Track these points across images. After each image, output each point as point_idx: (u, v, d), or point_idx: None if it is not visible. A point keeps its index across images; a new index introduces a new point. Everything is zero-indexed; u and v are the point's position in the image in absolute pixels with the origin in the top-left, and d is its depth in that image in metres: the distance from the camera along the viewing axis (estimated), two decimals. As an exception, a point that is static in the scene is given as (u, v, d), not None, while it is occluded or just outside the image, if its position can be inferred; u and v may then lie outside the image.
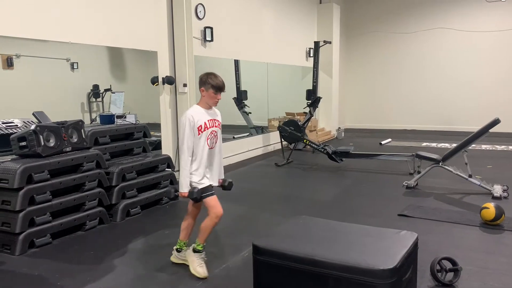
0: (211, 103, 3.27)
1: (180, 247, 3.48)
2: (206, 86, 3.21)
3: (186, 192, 3.22)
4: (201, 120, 3.21)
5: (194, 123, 3.18)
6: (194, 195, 3.20)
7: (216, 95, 3.22)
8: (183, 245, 3.48)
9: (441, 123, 11.74)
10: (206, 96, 3.23)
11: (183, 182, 3.22)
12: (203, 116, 3.24)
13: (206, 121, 3.24)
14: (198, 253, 3.33)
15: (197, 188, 3.22)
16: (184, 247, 3.47)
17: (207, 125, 3.24)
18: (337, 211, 4.94)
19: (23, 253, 3.75)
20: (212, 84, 3.18)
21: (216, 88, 3.20)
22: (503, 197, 5.13)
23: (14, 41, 4.61)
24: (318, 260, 2.48)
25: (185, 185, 3.22)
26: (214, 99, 3.24)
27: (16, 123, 4.37)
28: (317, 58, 9.07)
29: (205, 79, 3.21)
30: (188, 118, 3.18)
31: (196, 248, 3.33)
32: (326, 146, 7.52)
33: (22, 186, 3.78)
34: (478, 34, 11.18)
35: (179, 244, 3.48)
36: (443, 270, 3.07)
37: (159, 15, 6.30)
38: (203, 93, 3.24)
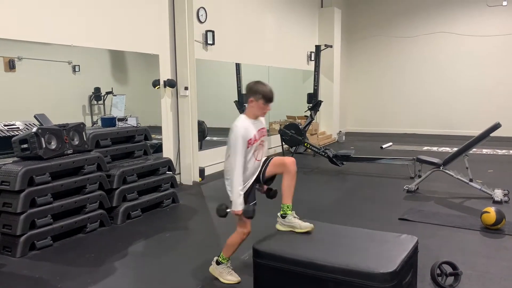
0: (260, 114, 3.12)
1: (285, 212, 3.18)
2: (256, 96, 3.04)
3: (240, 211, 3.05)
4: (251, 133, 3.04)
5: (246, 136, 3.00)
6: (250, 213, 3.06)
7: (265, 106, 3.07)
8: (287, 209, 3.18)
9: (442, 127, 11.74)
10: (256, 106, 3.06)
11: (237, 201, 3.04)
12: (252, 129, 3.06)
13: (255, 134, 3.07)
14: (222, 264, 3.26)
15: (251, 206, 3.10)
16: (289, 211, 3.16)
17: (256, 137, 3.08)
18: (337, 214, 4.94)
19: (23, 255, 3.76)
20: (263, 94, 3.02)
21: (267, 99, 3.05)
22: (504, 202, 5.12)
23: (16, 44, 4.63)
24: (318, 263, 2.48)
25: (239, 204, 3.04)
26: (263, 110, 3.09)
27: (18, 126, 4.39)
28: (318, 61, 9.09)
29: (255, 88, 3.05)
30: (241, 131, 2.99)
31: (220, 260, 3.26)
32: (327, 150, 7.52)
33: (24, 188, 3.79)
34: (480, 38, 11.20)
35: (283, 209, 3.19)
36: (443, 274, 3.07)
37: (160, 18, 6.32)
38: (251, 103, 3.07)
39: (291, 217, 3.11)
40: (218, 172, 7.32)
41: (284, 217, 3.15)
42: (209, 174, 7.04)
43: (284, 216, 3.15)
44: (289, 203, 3.18)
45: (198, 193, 6.10)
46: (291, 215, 3.12)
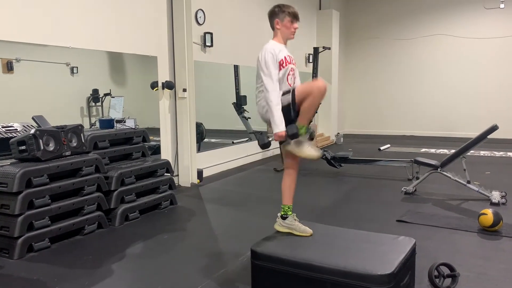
0: (289, 34, 3.01)
1: (285, 213, 3.10)
2: (281, 16, 2.95)
3: (284, 131, 2.85)
4: (282, 53, 2.93)
5: (276, 56, 2.90)
6: (294, 129, 2.82)
7: (293, 24, 2.99)
8: (288, 210, 3.11)
9: (439, 129, 11.76)
10: (283, 27, 2.97)
11: (278, 120, 2.85)
12: (282, 51, 2.96)
13: (286, 56, 2.95)
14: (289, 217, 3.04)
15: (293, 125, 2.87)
16: (290, 212, 3.10)
17: (287, 60, 2.95)
18: (335, 216, 4.94)
19: (21, 257, 3.75)
20: (289, 11, 2.94)
21: (293, 16, 2.96)
22: (501, 203, 5.13)
23: (14, 46, 4.63)
24: (316, 265, 2.49)
25: (280, 122, 2.84)
26: (291, 28, 3.00)
27: (16, 127, 4.38)
28: (316, 63, 9.11)
29: (278, 9, 2.97)
30: (270, 52, 2.89)
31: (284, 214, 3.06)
32: (325, 152, 7.53)
33: (21, 190, 3.78)
34: (477, 40, 11.24)
35: (284, 209, 3.11)
36: (441, 276, 3.07)
37: (159, 20, 6.33)
38: (278, 25, 2.98)
39: (292, 219, 3.07)
40: (216, 174, 7.33)
41: (284, 218, 3.10)
42: (207, 176, 7.04)
43: (285, 217, 3.09)
44: (290, 203, 3.14)
45: (196, 195, 6.10)
46: (292, 217, 3.08)
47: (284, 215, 3.09)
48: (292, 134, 2.86)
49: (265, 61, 2.89)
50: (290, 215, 3.09)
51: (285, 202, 3.12)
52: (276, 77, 2.89)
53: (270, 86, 2.87)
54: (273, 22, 2.99)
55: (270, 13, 3.01)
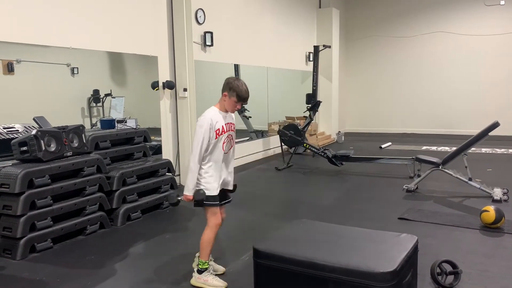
0: (230, 110, 3.18)
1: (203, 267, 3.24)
2: (230, 93, 3.09)
3: (191, 196, 3.08)
4: (219, 123, 3.11)
5: (213, 125, 3.07)
6: (201, 196, 3.06)
7: (237, 104, 3.13)
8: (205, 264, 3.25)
9: (441, 127, 11.76)
10: (228, 102, 3.12)
11: (190, 185, 3.08)
12: (221, 119, 3.14)
13: (224, 125, 3.14)
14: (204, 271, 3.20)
15: (202, 190, 3.09)
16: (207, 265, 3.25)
17: (225, 129, 3.14)
18: (337, 214, 4.94)
19: (24, 258, 3.76)
20: (238, 93, 3.07)
21: (241, 98, 3.09)
22: (503, 200, 5.13)
23: (14, 47, 4.63)
24: (318, 263, 2.49)
25: (191, 187, 3.09)
26: (234, 107, 3.15)
27: (17, 128, 4.39)
28: (316, 62, 9.10)
29: (231, 85, 3.09)
30: (207, 121, 3.06)
31: (201, 267, 3.20)
32: (326, 150, 7.53)
33: (23, 191, 3.79)
34: (478, 37, 11.22)
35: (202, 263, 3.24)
36: (443, 273, 3.08)
37: (159, 20, 6.33)
38: (225, 97, 3.12)
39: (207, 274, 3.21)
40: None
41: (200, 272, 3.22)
42: (209, 175, 7.03)
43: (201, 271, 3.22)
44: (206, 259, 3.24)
45: (198, 194, 6.09)
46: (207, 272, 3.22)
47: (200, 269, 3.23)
48: (198, 200, 3.09)
49: (201, 127, 3.07)
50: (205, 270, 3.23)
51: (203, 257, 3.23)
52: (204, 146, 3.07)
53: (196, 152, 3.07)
54: (223, 92, 3.15)
55: (225, 83, 3.15)
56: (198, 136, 3.07)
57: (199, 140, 3.06)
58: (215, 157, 3.14)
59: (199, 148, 3.06)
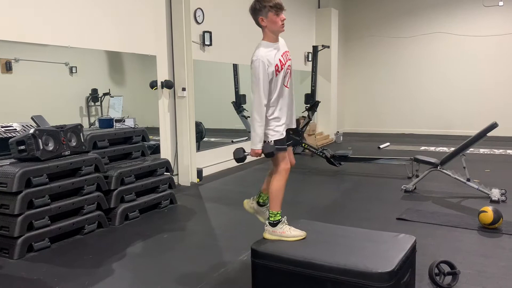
0: (278, 28, 2.80)
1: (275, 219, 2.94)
2: (264, 12, 2.75)
3: (260, 149, 2.80)
4: (276, 58, 2.79)
5: (270, 64, 2.75)
6: (270, 149, 2.79)
7: (279, 16, 2.76)
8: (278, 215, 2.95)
9: (439, 127, 11.77)
10: (269, 23, 2.78)
11: (257, 138, 2.79)
12: (276, 54, 2.80)
13: (280, 58, 2.81)
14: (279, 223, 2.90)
15: (271, 141, 2.82)
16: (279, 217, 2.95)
17: (282, 62, 2.82)
18: (335, 214, 4.94)
19: (21, 257, 3.74)
20: (270, 5, 2.74)
21: (276, 7, 2.74)
22: (501, 201, 5.14)
23: (13, 45, 4.62)
24: (316, 263, 2.49)
25: (258, 140, 2.79)
26: (278, 22, 2.78)
27: (15, 127, 4.38)
28: (315, 62, 9.10)
29: (259, 5, 2.76)
30: (262, 61, 2.73)
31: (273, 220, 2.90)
32: (325, 150, 7.53)
33: (21, 190, 3.77)
34: (476, 38, 11.24)
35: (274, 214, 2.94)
36: (441, 274, 3.08)
37: (158, 19, 6.32)
38: (263, 22, 2.79)
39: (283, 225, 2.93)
40: (216, 173, 7.33)
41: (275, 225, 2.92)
42: (207, 175, 7.04)
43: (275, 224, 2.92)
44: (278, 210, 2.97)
45: (196, 194, 6.10)
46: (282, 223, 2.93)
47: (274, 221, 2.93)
48: (268, 153, 2.82)
49: (257, 70, 2.75)
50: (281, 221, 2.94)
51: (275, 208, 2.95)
52: (265, 92, 2.78)
53: (260, 98, 2.77)
54: (257, 19, 2.82)
55: (251, 11, 2.82)
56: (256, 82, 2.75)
57: (260, 86, 2.74)
58: (280, 98, 2.85)
59: (261, 94, 2.74)
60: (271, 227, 2.92)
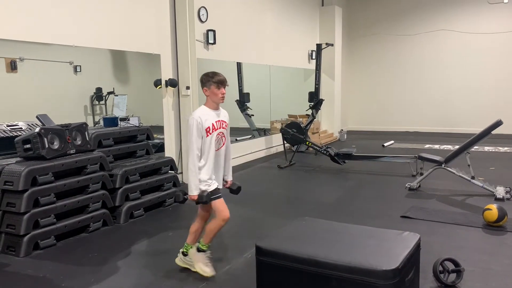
0: (217, 99, 3.17)
1: (187, 251, 3.40)
2: (207, 84, 3.14)
3: (196, 195, 3.15)
4: (208, 121, 3.13)
5: (202, 124, 3.10)
6: (204, 198, 3.13)
7: (219, 90, 3.13)
8: (190, 249, 3.40)
9: (443, 125, 11.73)
10: (210, 94, 3.15)
11: (192, 185, 3.15)
12: (211, 117, 3.16)
13: (214, 122, 3.16)
14: (202, 252, 3.32)
15: (206, 192, 3.16)
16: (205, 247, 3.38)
17: (215, 127, 3.17)
18: (339, 212, 4.95)
19: (27, 255, 3.78)
20: (213, 80, 3.11)
21: (217, 82, 3.11)
22: (506, 199, 5.12)
23: (17, 45, 4.65)
24: (321, 261, 2.49)
25: (194, 188, 3.15)
26: (218, 94, 3.14)
27: (21, 126, 4.41)
28: (319, 60, 9.10)
29: (204, 78, 3.16)
30: (196, 120, 3.09)
31: (201, 248, 3.31)
32: (329, 148, 7.53)
33: (27, 188, 3.80)
34: (481, 36, 11.18)
35: (186, 247, 3.41)
36: (445, 271, 3.08)
37: (162, 18, 6.33)
38: (206, 92, 3.17)
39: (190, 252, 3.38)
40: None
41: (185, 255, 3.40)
42: (211, 173, 7.04)
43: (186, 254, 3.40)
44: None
45: (200, 192, 6.10)
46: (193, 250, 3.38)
47: (185, 252, 3.41)
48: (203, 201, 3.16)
49: (191, 127, 3.12)
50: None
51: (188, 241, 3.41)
52: (198, 145, 3.12)
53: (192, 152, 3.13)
54: (202, 89, 3.19)
55: (200, 81, 3.22)
56: (189, 136, 3.13)
57: (190, 140, 3.12)
58: (206, 155, 3.18)
59: (193, 147, 3.11)
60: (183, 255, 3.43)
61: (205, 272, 3.25)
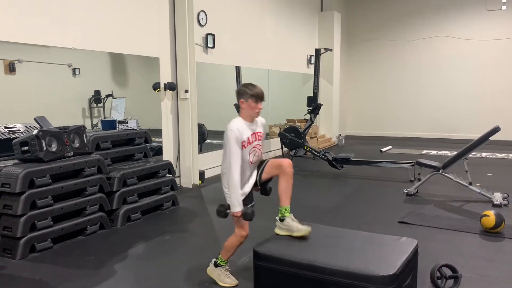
0: (253, 114, 3.10)
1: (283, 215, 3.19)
2: (245, 97, 3.06)
3: (240, 211, 3.06)
4: (244, 135, 3.05)
5: (240, 138, 3.02)
6: (249, 216, 3.05)
7: (256, 105, 3.07)
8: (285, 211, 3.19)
9: (441, 131, 11.76)
10: (247, 107, 3.08)
11: (235, 201, 3.05)
12: (246, 131, 3.07)
13: (249, 136, 3.08)
14: (220, 267, 3.27)
15: (250, 208, 3.09)
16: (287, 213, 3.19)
17: (250, 140, 3.09)
18: (337, 217, 4.94)
19: (24, 258, 3.76)
20: (251, 93, 3.04)
21: (256, 97, 3.05)
22: (503, 205, 5.13)
23: (16, 47, 4.64)
24: (318, 266, 2.49)
25: (238, 204, 3.06)
26: (255, 109, 3.08)
27: (18, 128, 4.40)
28: (318, 65, 9.11)
29: (242, 90, 3.09)
30: (235, 132, 3.00)
31: (219, 263, 3.27)
32: (327, 153, 7.53)
33: (24, 190, 3.79)
34: (478, 42, 11.23)
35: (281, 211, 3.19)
36: (443, 277, 3.07)
37: (161, 21, 6.34)
38: (242, 105, 3.09)
39: (289, 220, 3.09)
40: (218, 175, 7.29)
41: (282, 220, 3.14)
42: (209, 177, 7.05)
43: (283, 219, 3.13)
44: (287, 205, 3.18)
45: (198, 196, 6.10)
46: (289, 218, 3.10)
47: (281, 217, 3.17)
48: (247, 218, 3.08)
49: (229, 140, 3.02)
50: (287, 216, 3.14)
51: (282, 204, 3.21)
52: (238, 160, 3.02)
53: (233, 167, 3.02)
54: (238, 101, 3.13)
55: (237, 92, 3.16)
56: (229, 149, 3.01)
57: (232, 151, 3.00)
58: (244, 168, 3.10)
59: (234, 159, 3.00)
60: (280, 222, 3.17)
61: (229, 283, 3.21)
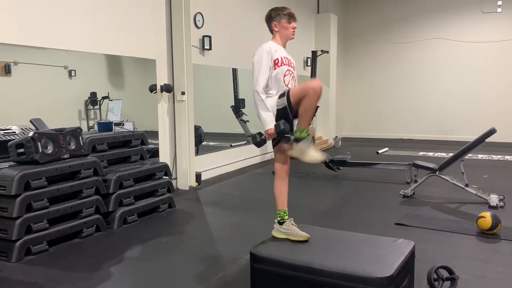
0: (288, 34, 2.99)
1: (282, 218, 3.03)
2: (277, 19, 2.97)
3: (273, 128, 2.84)
4: (278, 53, 2.91)
5: (272, 54, 2.89)
6: (282, 126, 2.80)
7: (291, 24, 2.98)
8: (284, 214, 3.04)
9: (438, 133, 11.80)
10: (280, 28, 2.97)
11: (266, 118, 2.86)
12: (280, 51, 2.94)
13: (282, 57, 2.94)
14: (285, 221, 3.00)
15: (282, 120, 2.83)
16: (286, 216, 3.04)
17: (283, 61, 2.94)
18: (334, 219, 4.94)
19: (19, 260, 3.73)
20: (284, 13, 2.96)
21: (289, 16, 2.97)
22: (500, 207, 5.14)
23: (12, 48, 4.62)
24: (315, 268, 2.49)
25: (270, 120, 2.85)
26: (289, 29, 2.99)
27: (14, 130, 4.38)
28: (314, 67, 9.13)
29: (274, 13, 2.99)
30: (265, 49, 2.89)
31: (300, 136, 2.89)
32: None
33: (20, 193, 3.77)
34: (475, 44, 11.29)
35: (280, 214, 3.05)
36: (440, 279, 3.07)
37: (158, 23, 6.34)
38: (275, 28, 2.98)
39: (290, 224, 3.04)
40: (214, 177, 7.33)
41: (281, 223, 3.06)
42: (206, 179, 7.04)
43: (281, 222, 3.06)
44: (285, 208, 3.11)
45: (195, 198, 6.09)
46: (289, 221, 3.05)
47: (280, 220, 3.06)
48: (279, 131, 2.84)
49: (260, 57, 2.89)
50: (287, 220, 3.05)
51: (279, 207, 3.11)
52: (267, 75, 2.89)
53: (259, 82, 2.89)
54: (271, 25, 3.00)
55: (267, 18, 3.04)
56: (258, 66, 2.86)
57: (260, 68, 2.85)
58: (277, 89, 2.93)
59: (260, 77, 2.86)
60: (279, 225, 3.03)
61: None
